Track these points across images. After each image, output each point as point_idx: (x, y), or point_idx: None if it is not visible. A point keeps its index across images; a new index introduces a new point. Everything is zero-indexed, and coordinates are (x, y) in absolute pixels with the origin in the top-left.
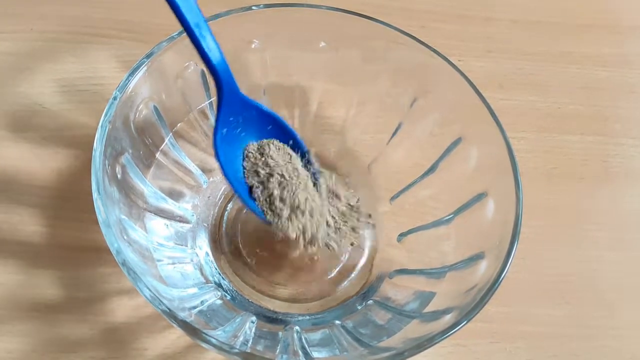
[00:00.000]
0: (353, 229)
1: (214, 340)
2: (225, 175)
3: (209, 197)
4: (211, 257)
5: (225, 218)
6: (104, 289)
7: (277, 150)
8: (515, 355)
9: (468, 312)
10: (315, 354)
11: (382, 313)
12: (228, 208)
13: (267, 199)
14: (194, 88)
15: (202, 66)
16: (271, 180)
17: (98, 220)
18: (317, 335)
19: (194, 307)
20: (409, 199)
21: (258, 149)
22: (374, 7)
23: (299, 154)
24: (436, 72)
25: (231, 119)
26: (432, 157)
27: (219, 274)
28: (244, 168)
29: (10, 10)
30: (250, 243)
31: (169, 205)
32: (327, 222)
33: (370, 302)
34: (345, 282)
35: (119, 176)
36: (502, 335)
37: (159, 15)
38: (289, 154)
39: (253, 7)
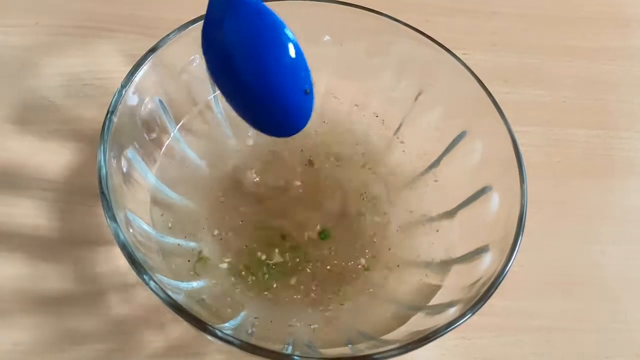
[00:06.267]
0: None
1: (219, 333)
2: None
3: (215, 189)
4: (217, 251)
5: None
6: (111, 281)
7: None
8: (520, 349)
9: (472, 305)
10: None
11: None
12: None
13: None
14: (200, 82)
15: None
16: None
17: (104, 214)
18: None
19: (200, 299)
20: (414, 192)
21: None
22: (379, 0)
23: None
24: (441, 66)
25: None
26: (437, 151)
27: (225, 267)
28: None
29: (15, 4)
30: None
31: (175, 198)
32: None
33: None
34: None
35: (124, 170)
36: (506, 329)
37: (164, 9)
38: None
39: None
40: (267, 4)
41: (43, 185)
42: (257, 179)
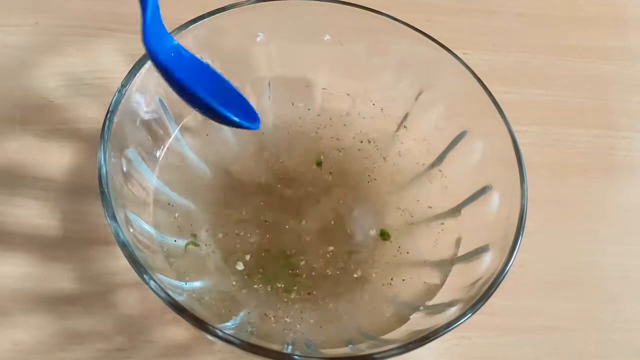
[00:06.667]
0: None
1: (220, 333)
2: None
3: (216, 190)
4: (218, 250)
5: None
6: (112, 281)
7: None
8: (520, 348)
9: (473, 305)
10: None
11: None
12: None
13: None
14: None
15: (207, 59)
16: None
17: (104, 214)
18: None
19: (201, 299)
20: (414, 192)
21: None
22: (379, 0)
23: None
24: (441, 65)
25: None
26: (437, 150)
27: (225, 265)
28: None
29: (15, 4)
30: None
31: (175, 198)
32: None
33: None
34: None
35: (124, 169)
36: (506, 329)
37: (164, 9)
38: None
39: (259, 1)
40: (266, 4)
41: (43, 184)
42: (259, 178)
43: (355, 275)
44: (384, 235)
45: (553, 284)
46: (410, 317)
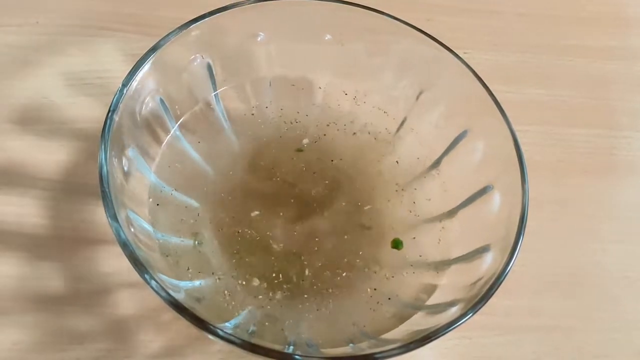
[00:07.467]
0: None
1: (221, 332)
2: None
3: (218, 189)
4: (219, 249)
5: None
6: (111, 280)
7: None
8: (521, 348)
9: (474, 305)
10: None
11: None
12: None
13: None
14: (200, 80)
15: (208, 59)
16: None
17: (105, 213)
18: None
19: (201, 298)
20: (415, 192)
21: None
22: None
23: None
24: (442, 65)
25: None
26: (438, 150)
27: (226, 264)
28: None
29: (15, 3)
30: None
31: (176, 197)
32: None
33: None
34: None
35: (125, 169)
36: (507, 328)
37: (164, 8)
38: None
39: (259, 0)
40: (266, 3)
41: (43, 184)
42: (261, 177)
43: (357, 276)
44: (396, 244)
45: (554, 284)
46: (411, 317)
